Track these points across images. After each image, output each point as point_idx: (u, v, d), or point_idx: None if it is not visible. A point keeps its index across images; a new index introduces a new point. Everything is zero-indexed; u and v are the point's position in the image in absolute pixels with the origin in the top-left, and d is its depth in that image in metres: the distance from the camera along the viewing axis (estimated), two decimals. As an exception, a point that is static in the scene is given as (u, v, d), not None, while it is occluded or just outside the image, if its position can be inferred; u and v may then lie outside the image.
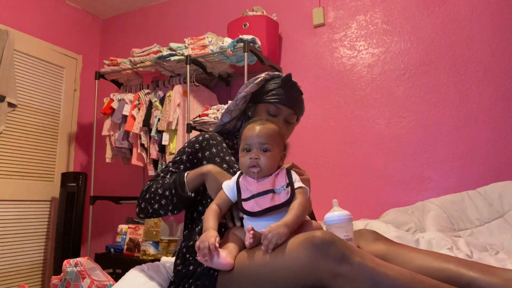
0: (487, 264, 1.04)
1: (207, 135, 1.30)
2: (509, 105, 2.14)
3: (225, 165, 1.22)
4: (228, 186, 1.10)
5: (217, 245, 0.97)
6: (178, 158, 1.27)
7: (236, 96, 1.33)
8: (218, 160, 1.24)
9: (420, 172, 2.26)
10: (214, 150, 1.27)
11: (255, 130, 1.10)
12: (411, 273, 0.87)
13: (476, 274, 0.93)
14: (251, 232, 0.99)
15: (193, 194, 1.17)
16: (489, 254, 1.53)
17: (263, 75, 1.32)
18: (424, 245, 1.53)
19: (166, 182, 1.20)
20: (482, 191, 2.00)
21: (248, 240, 0.99)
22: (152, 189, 1.21)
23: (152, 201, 1.20)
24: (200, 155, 1.27)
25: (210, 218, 1.05)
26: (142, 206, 1.23)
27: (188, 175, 1.18)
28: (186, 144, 1.31)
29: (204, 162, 1.25)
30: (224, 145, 1.29)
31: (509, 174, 2.07)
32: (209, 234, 0.98)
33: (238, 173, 1.13)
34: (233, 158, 1.25)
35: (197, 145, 1.28)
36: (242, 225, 1.11)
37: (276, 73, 1.35)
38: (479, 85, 2.21)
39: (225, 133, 1.37)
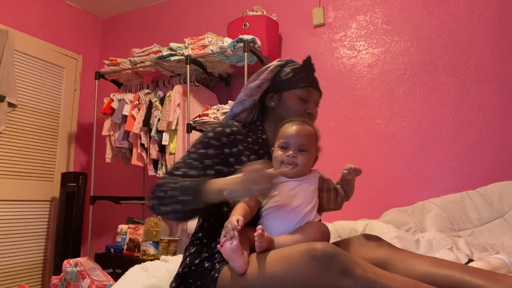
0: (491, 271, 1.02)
1: (234, 128, 1.19)
2: (509, 105, 2.14)
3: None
4: None
5: (239, 228, 0.94)
6: (203, 151, 1.13)
7: (244, 88, 1.25)
8: (245, 159, 1.17)
9: (420, 172, 2.26)
10: (241, 147, 1.18)
11: (294, 129, 1.13)
12: (415, 283, 0.86)
13: (480, 281, 0.91)
14: (259, 231, 0.97)
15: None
16: (489, 254, 1.53)
17: (275, 62, 1.27)
18: (424, 245, 1.53)
19: (185, 183, 1.04)
20: (482, 191, 2.00)
21: (256, 241, 0.98)
22: (169, 186, 1.05)
23: (166, 202, 1.05)
24: (227, 150, 1.16)
25: (237, 209, 1.04)
26: (154, 203, 1.07)
27: (211, 184, 1.03)
28: (210, 135, 1.16)
29: (231, 159, 1.16)
30: (250, 140, 1.22)
31: (509, 174, 2.06)
32: (234, 217, 0.97)
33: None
34: (254, 157, 1.19)
35: (224, 139, 1.16)
36: (253, 224, 1.08)
37: (287, 58, 1.31)
38: (479, 85, 2.21)
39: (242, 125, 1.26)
